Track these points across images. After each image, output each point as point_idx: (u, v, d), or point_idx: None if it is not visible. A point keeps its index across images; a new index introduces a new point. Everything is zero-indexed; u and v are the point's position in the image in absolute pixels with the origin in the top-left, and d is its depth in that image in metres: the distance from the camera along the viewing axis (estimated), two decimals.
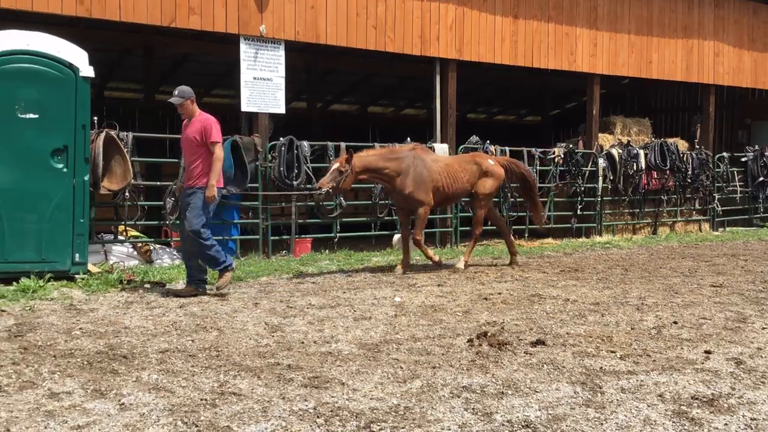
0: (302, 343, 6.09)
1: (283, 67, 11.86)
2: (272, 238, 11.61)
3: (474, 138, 13.75)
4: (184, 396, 4.67)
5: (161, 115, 20.22)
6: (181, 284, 8.74)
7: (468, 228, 12.55)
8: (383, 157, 9.94)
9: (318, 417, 4.33)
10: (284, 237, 11.99)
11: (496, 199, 12.94)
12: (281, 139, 11.60)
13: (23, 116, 8.31)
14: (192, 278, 8.24)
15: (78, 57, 8.70)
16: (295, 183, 11.38)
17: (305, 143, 11.72)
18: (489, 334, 6.25)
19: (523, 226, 14.27)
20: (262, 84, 11.74)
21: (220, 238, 11.13)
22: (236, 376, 5.13)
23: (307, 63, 18.16)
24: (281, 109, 11.98)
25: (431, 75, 13.71)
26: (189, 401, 4.56)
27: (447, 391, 4.84)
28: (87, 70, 8.71)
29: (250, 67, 11.58)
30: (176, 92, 8.01)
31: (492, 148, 13.54)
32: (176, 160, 10.84)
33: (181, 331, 6.42)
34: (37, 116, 8.37)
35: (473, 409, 4.50)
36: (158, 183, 11.96)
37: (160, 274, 9.27)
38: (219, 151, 7.99)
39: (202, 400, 4.59)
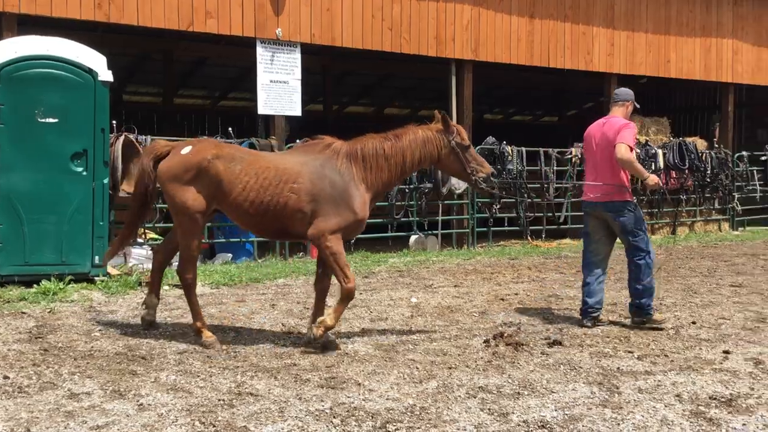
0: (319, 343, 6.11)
1: (299, 69, 11.92)
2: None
3: (490, 139, 13.71)
4: (202, 396, 4.71)
5: (180, 118, 20.41)
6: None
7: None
8: None
9: (334, 417, 4.35)
10: None
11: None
12: (297, 141, 11.64)
13: (43, 120, 8.40)
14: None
15: (97, 61, 8.79)
16: None
17: None
18: (505, 334, 6.25)
19: (540, 227, 14.21)
20: (279, 87, 11.80)
21: (238, 239, 11.23)
22: (253, 376, 5.16)
23: (324, 65, 18.26)
24: (297, 112, 12.03)
25: (447, 76, 13.70)
26: (207, 401, 4.60)
27: (463, 391, 4.85)
28: (106, 75, 8.80)
29: (266, 70, 11.64)
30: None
31: (509, 149, 13.51)
32: None
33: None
34: (56, 120, 8.46)
35: (489, 409, 4.51)
36: None
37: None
38: None
39: (219, 400, 4.63)
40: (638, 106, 7.34)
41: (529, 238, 14.00)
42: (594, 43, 15.02)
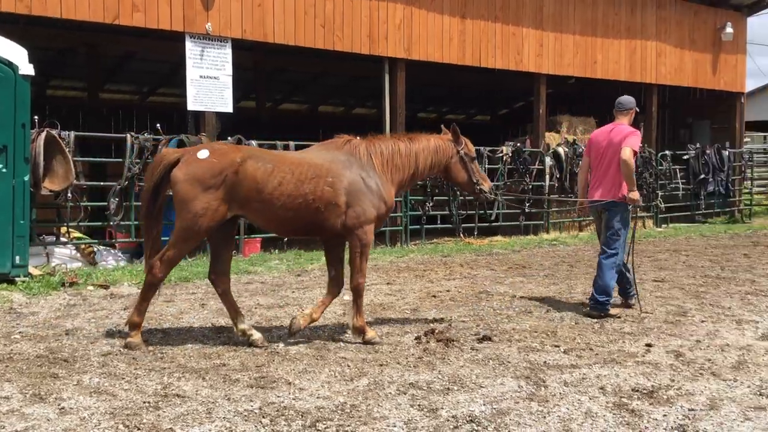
0: (249, 343, 6.03)
1: (230, 65, 11.75)
2: None
3: None
4: (126, 399, 4.59)
5: (106, 114, 19.87)
6: (125, 287, 8.58)
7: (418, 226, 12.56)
8: None
9: (263, 417, 4.30)
10: None
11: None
12: (229, 138, 11.48)
13: None
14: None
15: (17, 54, 8.47)
16: None
17: (254, 142, 11.62)
18: (436, 331, 6.29)
19: (472, 224, 14.38)
20: (209, 82, 11.61)
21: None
22: (180, 377, 5.06)
23: (256, 61, 18.03)
24: (228, 108, 11.86)
25: (381, 74, 13.72)
26: (131, 404, 4.49)
27: (393, 388, 4.86)
28: (26, 68, 8.49)
29: (196, 66, 11.44)
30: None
31: None
32: (119, 160, 10.64)
33: (125, 334, 6.29)
34: None
35: (419, 405, 4.53)
36: (102, 183, 11.72)
37: (104, 276, 9.08)
38: None
39: (144, 402, 4.52)
40: (638, 110, 7.89)
41: (461, 235, 14.16)
42: (524, 44, 15.28)
